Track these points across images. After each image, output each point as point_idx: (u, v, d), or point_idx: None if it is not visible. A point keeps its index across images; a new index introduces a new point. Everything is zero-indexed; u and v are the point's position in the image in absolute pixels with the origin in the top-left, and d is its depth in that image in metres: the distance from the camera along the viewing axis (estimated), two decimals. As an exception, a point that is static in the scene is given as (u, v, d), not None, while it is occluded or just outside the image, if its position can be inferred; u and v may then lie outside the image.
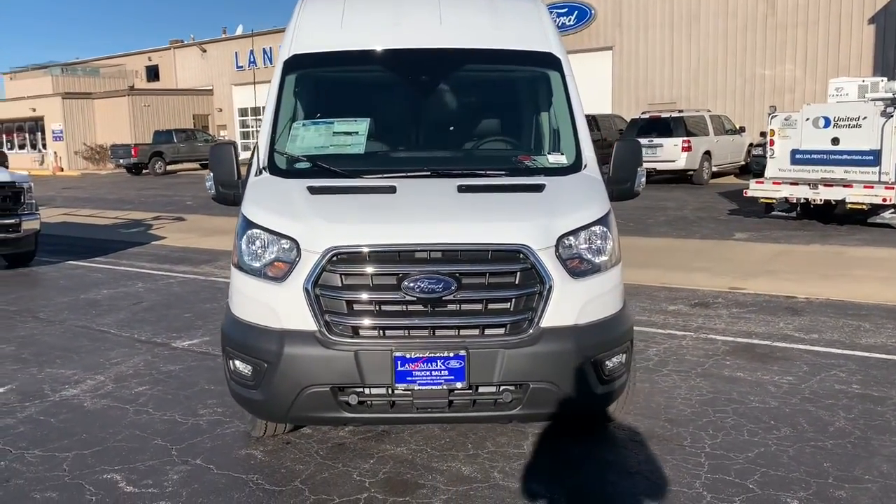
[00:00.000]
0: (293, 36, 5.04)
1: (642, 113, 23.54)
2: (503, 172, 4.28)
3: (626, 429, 4.57)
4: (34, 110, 47.76)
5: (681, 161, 21.71)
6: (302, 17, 5.20)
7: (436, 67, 4.91)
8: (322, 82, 5.09)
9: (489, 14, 5.21)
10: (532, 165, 4.43)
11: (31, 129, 49.61)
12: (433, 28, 4.97)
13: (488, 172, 4.26)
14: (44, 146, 48.37)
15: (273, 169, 4.34)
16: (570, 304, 3.65)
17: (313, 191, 4.01)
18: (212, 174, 4.50)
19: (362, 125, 4.59)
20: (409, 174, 4.23)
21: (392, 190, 3.97)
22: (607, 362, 3.77)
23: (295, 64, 4.88)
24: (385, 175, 4.20)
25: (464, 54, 4.90)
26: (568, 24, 32.52)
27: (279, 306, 3.61)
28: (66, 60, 57.70)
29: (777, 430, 4.52)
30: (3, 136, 51.92)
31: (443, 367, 3.51)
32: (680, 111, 22.92)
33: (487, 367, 3.53)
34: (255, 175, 4.33)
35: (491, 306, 3.60)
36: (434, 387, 3.52)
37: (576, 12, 32.27)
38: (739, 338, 6.67)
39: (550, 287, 3.59)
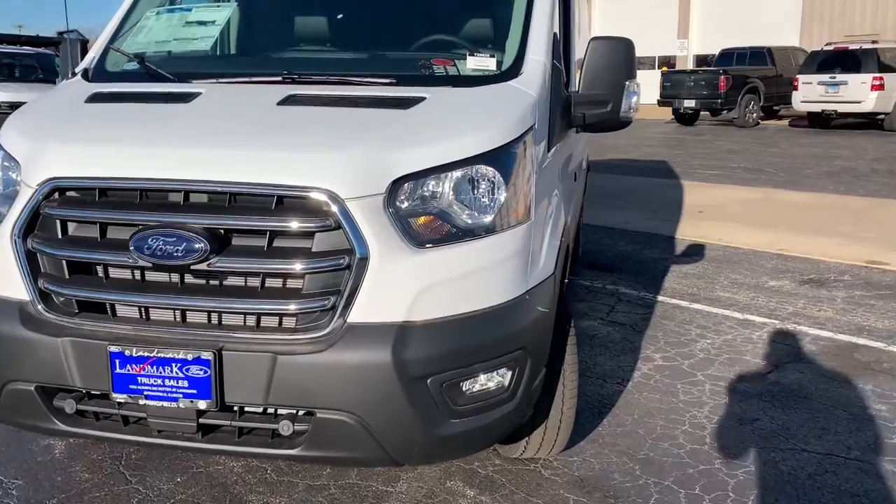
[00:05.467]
0: None
1: (825, 44, 20.02)
2: (391, 81, 2.85)
3: (567, 469, 3.09)
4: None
5: (868, 102, 18.31)
6: None
7: None
8: None
9: None
10: (442, 72, 2.96)
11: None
12: None
13: (365, 80, 2.86)
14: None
15: (98, 72, 3.21)
16: (402, 288, 2.23)
17: (93, 98, 2.83)
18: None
19: (223, 13, 3.35)
20: (251, 79, 2.93)
21: (187, 98, 2.69)
22: (466, 384, 2.33)
23: None
24: (215, 80, 2.92)
25: None
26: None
27: None
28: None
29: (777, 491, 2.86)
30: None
31: (180, 375, 2.24)
32: (874, 42, 19.21)
33: (251, 379, 2.23)
34: (68, 79, 3.23)
35: (269, 285, 2.28)
36: (168, 403, 2.27)
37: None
38: (841, 334, 4.79)
39: (365, 259, 2.20)
